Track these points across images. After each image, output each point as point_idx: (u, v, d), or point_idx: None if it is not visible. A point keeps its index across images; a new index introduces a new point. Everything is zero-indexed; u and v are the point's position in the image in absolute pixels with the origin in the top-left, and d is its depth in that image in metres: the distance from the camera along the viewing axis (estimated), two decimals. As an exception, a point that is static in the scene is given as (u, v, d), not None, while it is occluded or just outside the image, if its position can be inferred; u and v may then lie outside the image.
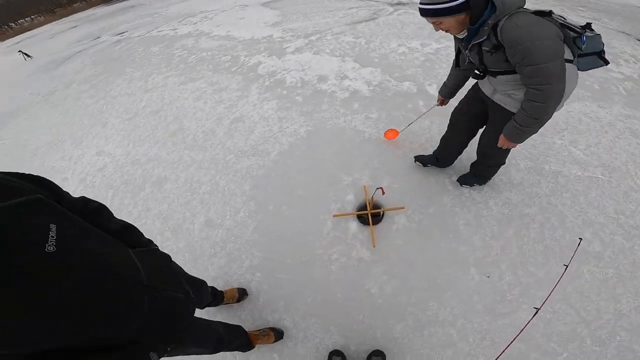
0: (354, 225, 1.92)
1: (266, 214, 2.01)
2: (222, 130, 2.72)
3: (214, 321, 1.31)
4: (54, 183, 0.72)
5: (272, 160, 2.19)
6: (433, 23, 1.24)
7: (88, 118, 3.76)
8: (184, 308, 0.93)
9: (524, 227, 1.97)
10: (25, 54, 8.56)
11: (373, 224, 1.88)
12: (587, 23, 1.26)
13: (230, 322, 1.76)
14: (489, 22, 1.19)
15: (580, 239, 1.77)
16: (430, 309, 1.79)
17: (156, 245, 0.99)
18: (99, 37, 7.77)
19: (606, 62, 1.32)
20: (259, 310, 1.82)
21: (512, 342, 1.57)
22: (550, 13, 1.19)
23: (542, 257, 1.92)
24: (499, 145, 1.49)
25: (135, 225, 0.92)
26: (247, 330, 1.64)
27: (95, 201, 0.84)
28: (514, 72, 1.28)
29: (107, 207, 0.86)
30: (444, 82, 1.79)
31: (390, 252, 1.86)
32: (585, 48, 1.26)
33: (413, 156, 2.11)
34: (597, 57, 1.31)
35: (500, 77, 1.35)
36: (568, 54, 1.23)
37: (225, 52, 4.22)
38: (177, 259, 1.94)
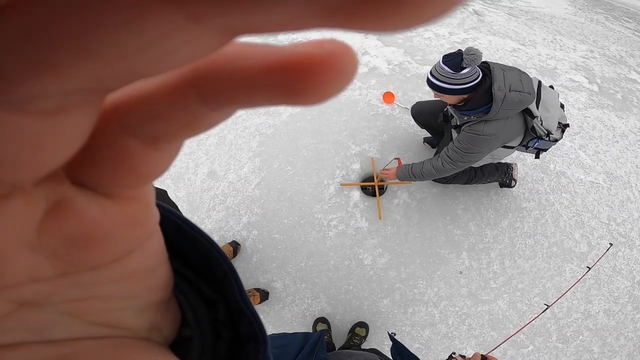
0: (356, 194, 1.95)
1: (270, 172, 2.02)
2: (234, 87, 2.67)
3: None
4: None
5: (282, 121, 2.17)
6: (435, 94, 1.38)
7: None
8: None
9: (519, 219, 2.01)
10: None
11: (375, 196, 1.90)
12: (566, 124, 1.50)
13: None
14: (474, 117, 1.36)
15: (611, 244, 1.84)
16: (418, 287, 1.85)
17: None
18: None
19: (536, 156, 1.63)
20: (251, 270, 1.85)
21: (520, 330, 1.66)
22: (535, 116, 1.35)
23: (530, 251, 1.98)
24: (385, 174, 1.78)
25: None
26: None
27: None
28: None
29: None
30: None
31: (388, 226, 1.90)
32: (534, 146, 1.51)
33: (423, 137, 2.12)
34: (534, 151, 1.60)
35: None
36: (516, 142, 1.49)
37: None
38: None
